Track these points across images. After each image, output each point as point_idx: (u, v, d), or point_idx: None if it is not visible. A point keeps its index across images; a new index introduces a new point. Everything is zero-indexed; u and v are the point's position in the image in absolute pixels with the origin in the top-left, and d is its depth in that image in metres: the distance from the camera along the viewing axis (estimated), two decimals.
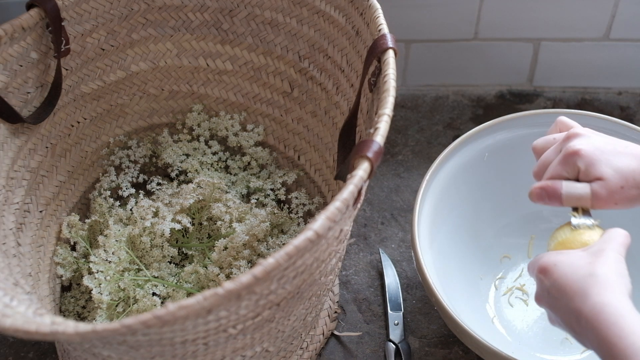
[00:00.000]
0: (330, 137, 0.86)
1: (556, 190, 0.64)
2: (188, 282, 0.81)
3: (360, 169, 0.56)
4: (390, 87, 0.62)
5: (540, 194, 0.65)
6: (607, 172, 0.62)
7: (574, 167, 0.64)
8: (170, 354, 0.60)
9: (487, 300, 0.87)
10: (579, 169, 0.64)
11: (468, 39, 1.06)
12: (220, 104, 0.94)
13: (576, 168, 0.64)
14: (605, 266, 0.57)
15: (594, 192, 0.63)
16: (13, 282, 0.68)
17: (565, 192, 0.64)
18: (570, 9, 1.02)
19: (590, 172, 0.63)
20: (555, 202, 0.65)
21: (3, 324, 0.52)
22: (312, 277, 0.63)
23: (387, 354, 0.83)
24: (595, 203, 0.63)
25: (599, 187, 0.63)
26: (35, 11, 0.78)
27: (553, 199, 0.64)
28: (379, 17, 0.70)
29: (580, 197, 0.63)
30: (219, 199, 0.86)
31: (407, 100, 1.12)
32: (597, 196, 0.63)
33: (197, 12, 0.88)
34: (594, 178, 0.63)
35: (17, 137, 0.79)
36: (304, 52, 0.86)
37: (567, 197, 0.64)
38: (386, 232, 0.96)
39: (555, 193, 0.64)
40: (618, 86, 1.11)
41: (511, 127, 0.88)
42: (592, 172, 0.63)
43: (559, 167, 0.65)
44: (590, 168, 0.63)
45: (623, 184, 0.62)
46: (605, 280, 0.56)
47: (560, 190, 0.64)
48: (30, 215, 0.81)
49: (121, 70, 0.89)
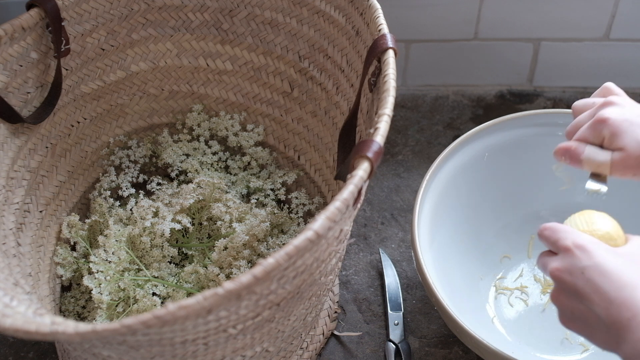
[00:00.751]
0: (330, 137, 0.86)
1: (578, 153, 0.66)
2: (188, 282, 0.81)
3: (360, 169, 0.56)
4: (390, 87, 0.62)
5: (563, 153, 0.67)
6: (631, 144, 0.63)
7: (600, 134, 0.65)
8: (170, 354, 0.60)
9: (487, 300, 0.87)
10: (604, 137, 0.65)
11: (468, 39, 1.06)
12: (220, 104, 0.94)
13: (602, 135, 0.65)
14: None
15: (614, 161, 0.64)
16: (13, 282, 0.68)
17: (586, 156, 0.65)
18: (570, 9, 1.02)
19: (614, 141, 0.64)
20: (575, 164, 0.66)
21: (3, 324, 0.52)
22: (312, 277, 0.63)
23: (387, 354, 0.83)
24: (614, 171, 0.64)
25: (619, 157, 0.64)
26: (35, 11, 0.78)
27: (574, 160, 0.66)
28: (379, 17, 0.70)
29: (600, 163, 0.65)
30: (219, 199, 0.86)
31: (407, 100, 1.12)
32: (616, 165, 0.64)
33: (197, 12, 0.88)
34: (616, 147, 0.64)
35: (17, 137, 0.79)
36: (304, 52, 0.86)
37: (587, 161, 0.65)
38: (386, 232, 0.96)
39: (577, 155, 0.66)
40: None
41: (511, 127, 0.88)
42: (615, 142, 0.64)
43: (587, 132, 0.66)
44: (614, 138, 0.64)
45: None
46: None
47: (582, 154, 0.65)
48: (30, 215, 0.81)
49: (121, 70, 0.89)
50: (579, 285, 0.55)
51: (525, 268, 0.90)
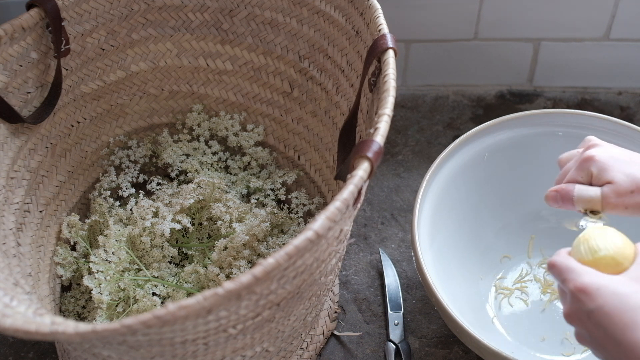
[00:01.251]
0: (330, 137, 0.86)
1: (569, 192, 0.67)
2: (188, 282, 0.81)
3: (360, 169, 0.56)
4: (390, 87, 0.62)
5: (554, 196, 0.68)
6: (618, 176, 0.65)
7: (588, 172, 0.66)
8: (170, 354, 0.60)
9: (487, 300, 0.87)
10: (592, 174, 0.66)
11: (468, 39, 1.06)
12: (220, 104, 0.94)
13: (590, 173, 0.66)
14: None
15: (604, 194, 0.65)
16: (13, 282, 0.68)
17: (577, 193, 0.66)
18: (570, 9, 1.02)
19: (602, 176, 0.65)
20: (568, 204, 0.67)
21: (3, 324, 0.52)
22: (312, 277, 0.63)
23: (387, 354, 0.83)
24: (606, 205, 0.65)
25: (609, 190, 0.65)
26: (35, 11, 0.78)
27: (566, 200, 0.67)
28: (379, 17, 0.70)
29: (591, 199, 0.66)
30: (219, 199, 0.86)
31: (407, 100, 1.12)
32: (607, 198, 0.65)
33: (197, 12, 0.88)
34: (605, 182, 0.65)
35: (17, 137, 0.79)
36: (304, 52, 0.86)
37: (579, 199, 0.66)
38: (386, 232, 0.96)
39: (568, 195, 0.67)
40: (618, 86, 1.11)
41: (511, 127, 0.88)
42: (603, 176, 0.65)
43: (574, 173, 0.68)
44: (602, 172, 0.65)
45: (633, 189, 0.64)
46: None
47: (573, 192, 0.67)
48: (30, 215, 0.81)
49: (121, 70, 0.89)
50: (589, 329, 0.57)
51: (525, 268, 0.90)
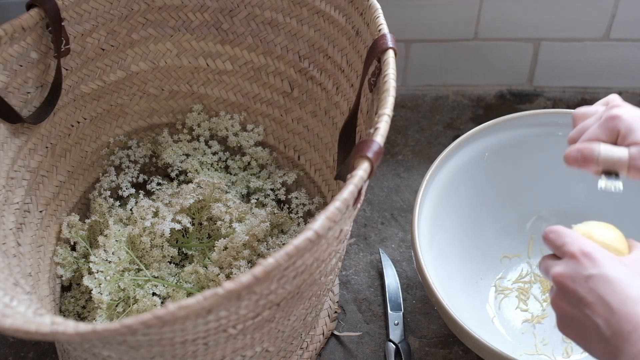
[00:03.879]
0: (330, 137, 0.86)
1: (593, 152, 0.61)
2: (188, 282, 0.81)
3: (360, 169, 0.56)
4: (390, 87, 0.62)
5: (576, 155, 0.62)
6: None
7: (614, 131, 0.61)
8: (170, 354, 0.60)
9: (487, 300, 0.87)
10: (618, 133, 0.61)
11: (468, 39, 1.06)
12: (220, 104, 0.94)
13: (615, 132, 0.61)
14: None
15: (632, 155, 0.60)
16: (13, 282, 0.68)
17: (603, 153, 0.61)
18: (570, 9, 1.02)
19: (630, 136, 0.60)
20: (591, 164, 0.62)
21: (3, 324, 0.52)
22: (312, 277, 0.63)
23: (387, 354, 0.83)
24: (632, 167, 0.60)
25: (637, 152, 0.60)
26: (35, 11, 0.78)
27: (589, 160, 0.61)
28: (379, 17, 0.70)
29: (618, 159, 0.60)
30: (219, 199, 0.86)
31: (407, 100, 1.12)
32: (635, 160, 0.60)
33: (197, 12, 0.88)
34: (632, 142, 0.60)
35: (17, 137, 0.79)
36: (304, 52, 0.86)
37: (605, 159, 0.61)
38: (386, 232, 0.96)
39: (592, 154, 0.61)
40: (618, 86, 1.11)
41: (511, 127, 0.88)
42: (631, 137, 0.60)
43: (597, 130, 0.62)
44: (630, 133, 0.60)
45: None
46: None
47: (598, 151, 0.61)
48: (30, 215, 0.81)
49: (121, 70, 0.89)
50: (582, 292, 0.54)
51: (525, 268, 0.90)
